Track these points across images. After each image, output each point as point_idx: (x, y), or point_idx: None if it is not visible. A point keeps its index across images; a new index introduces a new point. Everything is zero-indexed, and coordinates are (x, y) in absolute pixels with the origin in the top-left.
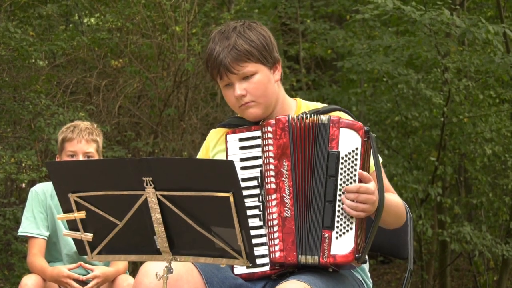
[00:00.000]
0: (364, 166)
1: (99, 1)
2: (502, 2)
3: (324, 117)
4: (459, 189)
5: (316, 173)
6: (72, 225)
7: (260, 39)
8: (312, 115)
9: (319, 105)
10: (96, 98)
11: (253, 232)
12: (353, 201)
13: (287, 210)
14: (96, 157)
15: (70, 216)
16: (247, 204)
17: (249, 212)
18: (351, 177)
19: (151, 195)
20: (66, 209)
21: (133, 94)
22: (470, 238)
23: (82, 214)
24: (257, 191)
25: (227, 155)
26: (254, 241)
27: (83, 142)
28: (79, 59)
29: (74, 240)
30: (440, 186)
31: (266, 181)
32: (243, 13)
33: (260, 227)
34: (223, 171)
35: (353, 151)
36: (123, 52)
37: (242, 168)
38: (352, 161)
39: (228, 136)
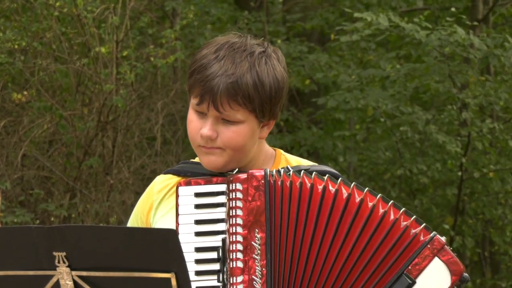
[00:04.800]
0: None
1: None
2: None
3: (427, 230)
4: (483, 268)
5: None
6: None
7: (272, 86)
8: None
9: (303, 162)
10: None
11: None
12: None
13: None
14: None
15: None
16: (202, 284)
17: None
18: None
19: (64, 276)
20: None
21: (42, 138)
22: None
23: None
24: (216, 266)
25: (177, 215)
26: None
27: None
28: None
29: None
30: None
31: (231, 257)
32: (192, 30)
33: None
34: (162, 244)
35: None
36: (29, 81)
37: (198, 234)
38: None
39: (180, 188)
